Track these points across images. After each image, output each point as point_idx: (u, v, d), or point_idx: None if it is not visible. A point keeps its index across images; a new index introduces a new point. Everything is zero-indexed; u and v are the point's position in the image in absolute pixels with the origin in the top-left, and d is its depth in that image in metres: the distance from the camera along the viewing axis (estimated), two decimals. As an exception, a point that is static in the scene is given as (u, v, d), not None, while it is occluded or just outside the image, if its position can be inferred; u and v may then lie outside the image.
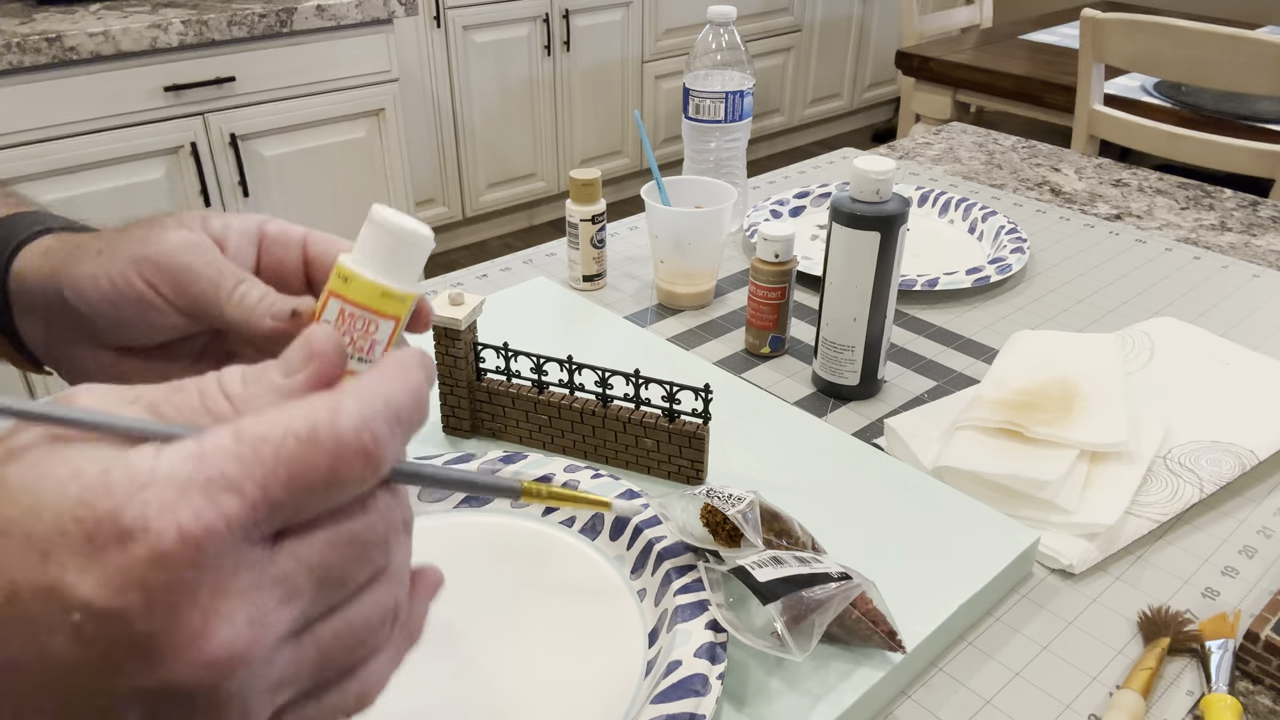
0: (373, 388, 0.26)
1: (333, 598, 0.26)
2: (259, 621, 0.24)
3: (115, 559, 0.22)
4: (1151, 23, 1.68)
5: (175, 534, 0.22)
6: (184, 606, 0.23)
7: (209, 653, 0.23)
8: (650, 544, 0.53)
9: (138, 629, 0.23)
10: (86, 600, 0.22)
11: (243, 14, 1.80)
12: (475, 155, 2.91)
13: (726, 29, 0.95)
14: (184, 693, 0.23)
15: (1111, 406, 0.65)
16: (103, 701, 0.23)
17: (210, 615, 0.23)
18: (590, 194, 0.85)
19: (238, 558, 0.24)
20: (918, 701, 0.49)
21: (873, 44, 3.93)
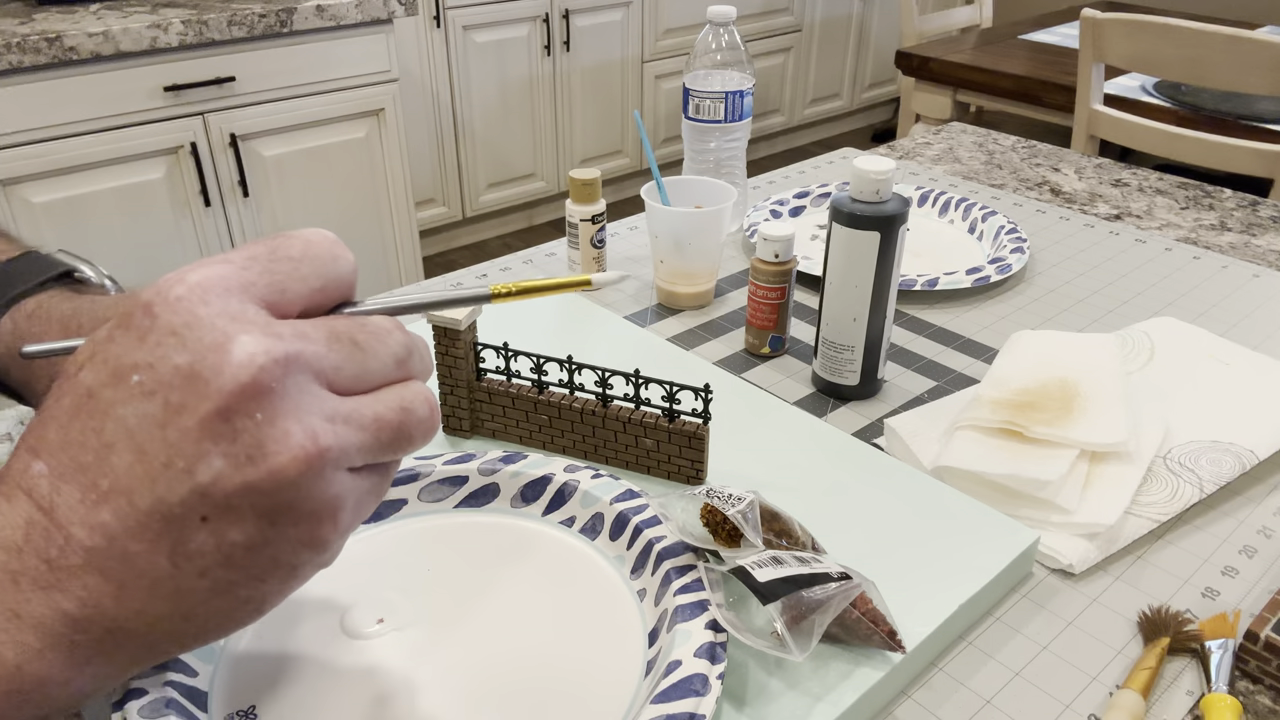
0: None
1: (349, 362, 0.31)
2: (274, 335, 0.29)
3: (146, 323, 0.28)
4: (1151, 23, 1.68)
5: (183, 285, 0.29)
6: (205, 333, 0.28)
7: (236, 357, 0.28)
8: (650, 544, 0.53)
9: (179, 362, 0.28)
10: (136, 360, 0.28)
11: (243, 14, 1.80)
12: (475, 155, 2.91)
13: (726, 29, 0.95)
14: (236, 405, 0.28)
15: (1111, 406, 0.65)
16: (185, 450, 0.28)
17: (230, 333, 0.28)
18: (590, 194, 0.85)
19: (240, 305, 0.29)
20: (918, 701, 0.49)
21: (873, 44, 3.93)
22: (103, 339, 0.29)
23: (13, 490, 0.29)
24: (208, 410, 0.28)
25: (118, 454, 0.28)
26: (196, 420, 0.28)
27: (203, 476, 0.28)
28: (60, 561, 0.28)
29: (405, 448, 0.33)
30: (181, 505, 0.28)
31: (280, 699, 0.46)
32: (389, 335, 0.32)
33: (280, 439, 0.28)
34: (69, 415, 0.29)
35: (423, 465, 0.59)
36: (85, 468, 0.28)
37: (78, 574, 0.28)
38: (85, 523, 0.28)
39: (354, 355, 0.31)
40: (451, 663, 0.48)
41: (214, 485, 0.28)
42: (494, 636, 0.50)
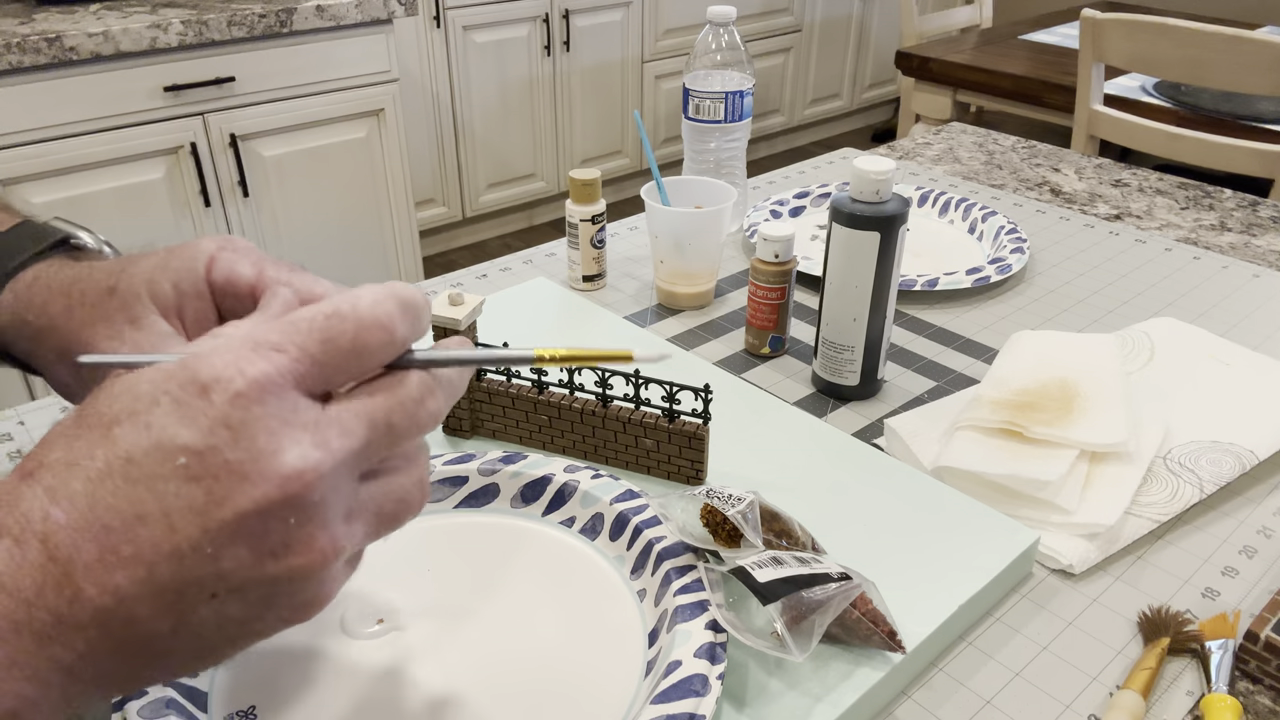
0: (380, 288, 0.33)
1: (382, 446, 0.32)
2: (323, 445, 0.30)
3: (202, 407, 0.29)
4: (1151, 23, 1.68)
5: (243, 379, 0.29)
6: (260, 435, 0.29)
7: (285, 465, 0.29)
8: (650, 544, 0.53)
9: (228, 458, 0.28)
10: (186, 444, 0.28)
11: (243, 14, 1.80)
12: (475, 155, 2.91)
13: (726, 29, 0.95)
14: (274, 509, 0.29)
15: (1111, 406, 0.65)
16: (214, 539, 0.29)
17: (280, 439, 0.29)
18: (590, 194, 0.85)
19: (295, 401, 0.30)
20: (918, 702, 0.49)
21: (873, 44, 3.93)
22: (144, 396, 0.29)
23: (26, 535, 0.28)
24: (247, 508, 0.29)
25: (147, 526, 0.28)
26: (235, 514, 0.29)
27: (227, 564, 0.29)
28: (68, 617, 0.28)
29: (388, 533, 0.34)
30: (198, 584, 0.29)
31: (280, 699, 0.46)
32: (423, 408, 0.33)
33: (305, 541, 0.30)
34: (101, 474, 0.28)
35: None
36: (110, 530, 0.28)
37: (82, 630, 0.28)
38: (99, 583, 0.28)
39: (386, 441, 0.32)
40: (451, 663, 0.48)
41: (233, 572, 0.29)
42: (494, 637, 0.50)
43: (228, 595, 0.30)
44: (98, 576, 0.28)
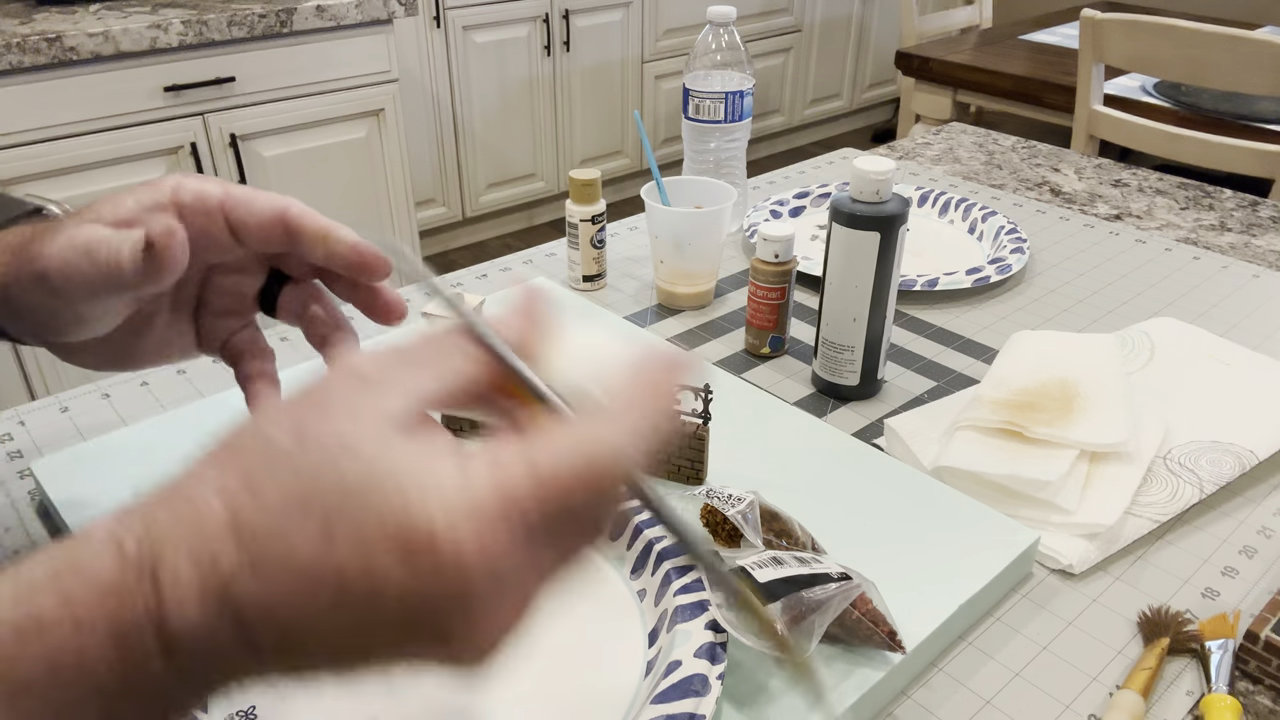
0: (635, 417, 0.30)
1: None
2: (524, 606, 0.29)
3: (428, 561, 0.27)
4: (1151, 23, 1.68)
5: (477, 548, 0.27)
6: (475, 606, 0.28)
7: (488, 640, 0.28)
8: (650, 544, 0.53)
9: (439, 610, 0.27)
10: (401, 586, 0.27)
11: (243, 14, 1.80)
12: (475, 155, 2.91)
13: (726, 29, 0.95)
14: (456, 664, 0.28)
15: (1111, 406, 0.65)
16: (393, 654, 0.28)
17: (493, 611, 0.28)
18: (590, 194, 0.85)
19: (518, 564, 0.28)
20: (918, 702, 0.49)
21: (873, 44, 3.93)
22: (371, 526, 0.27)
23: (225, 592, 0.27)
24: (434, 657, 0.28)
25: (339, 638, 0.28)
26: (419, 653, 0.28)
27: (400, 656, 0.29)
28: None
29: None
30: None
31: (280, 699, 0.46)
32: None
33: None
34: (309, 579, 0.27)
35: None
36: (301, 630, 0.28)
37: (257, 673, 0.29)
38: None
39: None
40: (451, 663, 0.48)
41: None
42: (494, 637, 0.50)
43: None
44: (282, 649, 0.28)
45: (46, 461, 0.62)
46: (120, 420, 0.71)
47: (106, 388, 0.75)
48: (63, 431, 0.70)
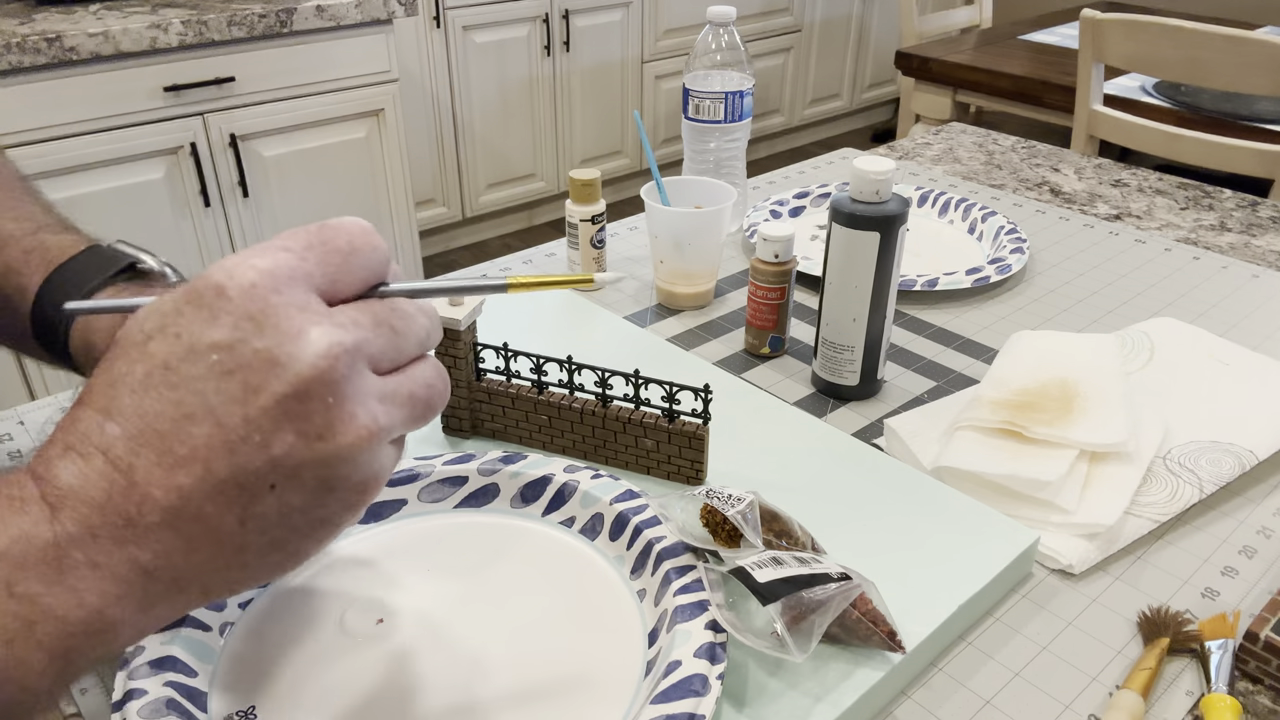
0: None
1: (389, 336, 0.34)
2: (341, 327, 0.32)
3: (222, 305, 0.31)
4: (1151, 23, 1.68)
5: (254, 273, 0.31)
6: (282, 321, 0.31)
7: (311, 345, 0.31)
8: (650, 544, 0.53)
9: (255, 345, 0.31)
10: (215, 341, 0.31)
11: (242, 14, 1.80)
12: (475, 155, 2.91)
13: (726, 29, 0.95)
14: (309, 389, 0.31)
15: (1111, 406, 0.65)
16: (260, 427, 0.31)
17: (301, 322, 0.31)
18: (590, 194, 0.85)
19: (305, 295, 0.32)
20: (917, 702, 0.49)
21: (872, 44, 3.93)
22: (169, 312, 0.31)
23: (88, 449, 0.31)
24: (284, 392, 0.31)
25: (196, 425, 0.30)
26: (274, 400, 0.31)
27: (277, 450, 0.31)
28: (138, 519, 0.31)
29: (429, 418, 0.36)
30: (255, 474, 0.31)
31: (280, 699, 0.46)
32: (416, 320, 0.36)
33: (347, 420, 0.32)
34: (142, 384, 0.31)
35: (423, 465, 0.59)
36: (163, 435, 0.31)
37: (154, 530, 0.31)
38: (163, 484, 0.31)
39: (393, 340, 0.34)
40: (451, 663, 0.48)
41: (286, 458, 0.31)
42: (494, 637, 0.50)
43: (285, 483, 0.32)
44: (160, 478, 0.30)
45: (46, 461, 0.62)
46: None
47: (106, 388, 0.75)
48: (63, 431, 0.70)
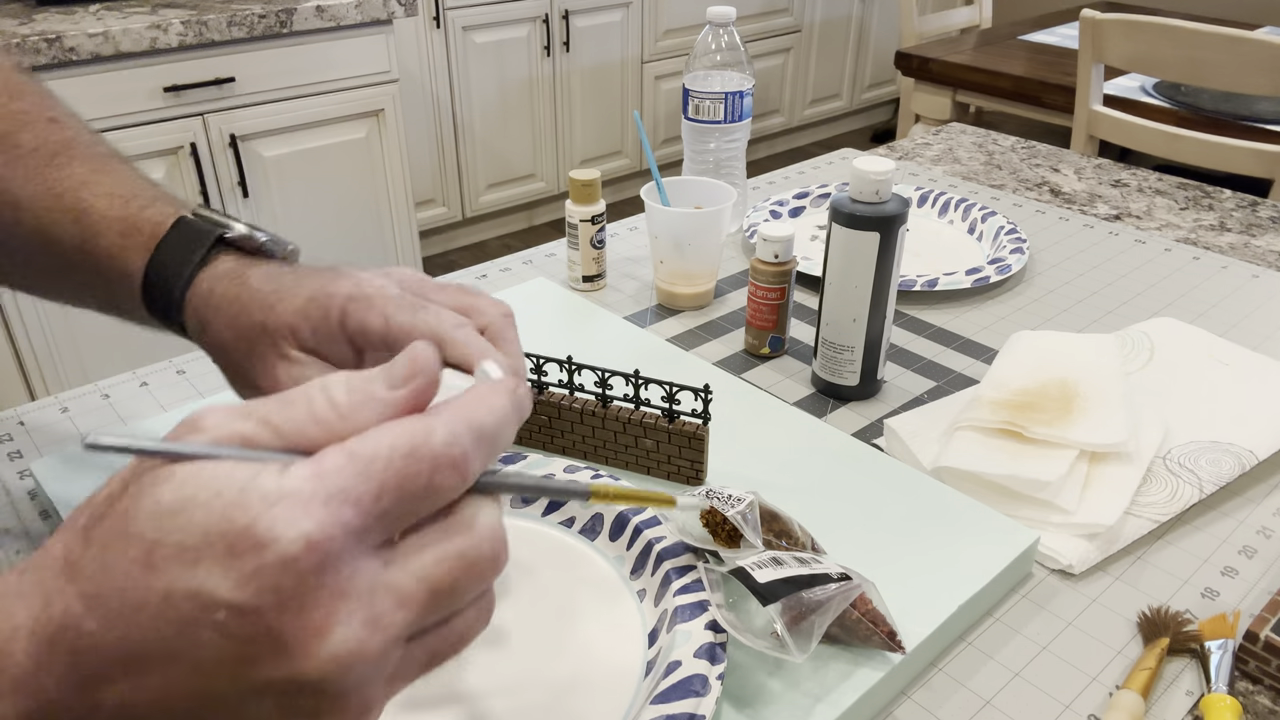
0: (461, 410, 0.30)
1: (444, 610, 0.30)
2: (374, 623, 0.28)
3: (252, 564, 0.26)
4: (1151, 23, 1.68)
5: (302, 542, 0.26)
6: (309, 606, 0.26)
7: (330, 648, 0.27)
8: (650, 544, 0.53)
9: (270, 624, 0.26)
10: (228, 600, 0.26)
11: (242, 14, 1.80)
12: (475, 156, 2.91)
13: (726, 29, 0.95)
14: (310, 685, 0.27)
15: (1111, 407, 0.65)
16: (241, 691, 0.27)
17: (331, 615, 0.27)
18: (590, 194, 0.85)
19: (355, 564, 0.28)
20: (917, 702, 0.49)
21: (872, 44, 3.93)
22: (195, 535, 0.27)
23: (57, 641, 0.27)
24: (279, 678, 0.27)
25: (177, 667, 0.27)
26: (265, 680, 0.27)
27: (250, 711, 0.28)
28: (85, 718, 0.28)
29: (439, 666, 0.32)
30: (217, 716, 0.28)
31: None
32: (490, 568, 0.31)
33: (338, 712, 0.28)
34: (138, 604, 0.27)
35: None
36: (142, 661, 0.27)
37: None
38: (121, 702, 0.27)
39: (448, 603, 0.30)
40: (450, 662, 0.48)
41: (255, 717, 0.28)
42: (494, 637, 0.50)
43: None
44: (121, 696, 0.27)
45: (46, 461, 0.62)
46: (120, 420, 0.71)
47: (106, 388, 0.75)
48: (63, 431, 0.70)
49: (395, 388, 0.30)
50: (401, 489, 0.28)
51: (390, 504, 0.28)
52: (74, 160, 0.52)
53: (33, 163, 0.52)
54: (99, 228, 0.51)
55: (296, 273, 0.48)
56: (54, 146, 0.53)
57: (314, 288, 0.47)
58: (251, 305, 0.47)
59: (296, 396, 0.30)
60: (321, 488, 0.27)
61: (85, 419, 0.71)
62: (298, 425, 0.29)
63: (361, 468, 0.28)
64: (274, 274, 0.48)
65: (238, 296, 0.48)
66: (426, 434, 0.29)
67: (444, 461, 0.29)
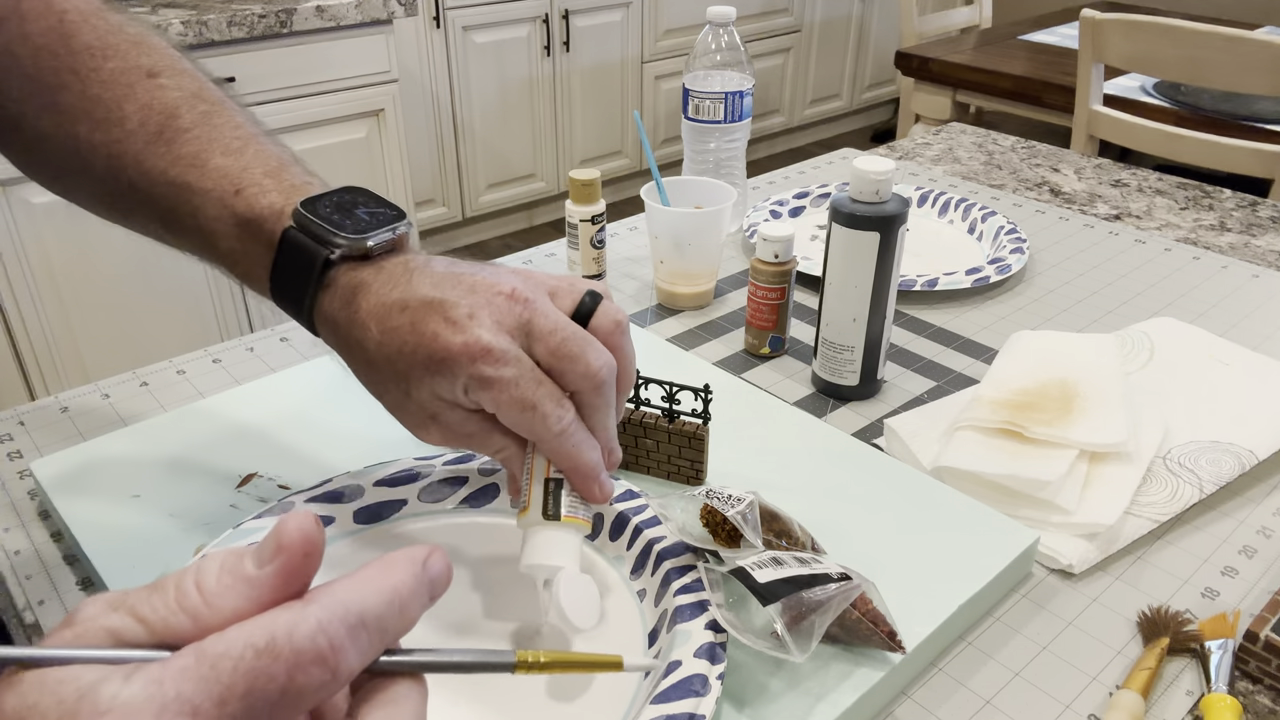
0: (339, 594, 0.27)
1: None
2: None
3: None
4: (1151, 23, 1.68)
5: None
6: None
7: None
8: (650, 544, 0.53)
9: None
10: None
11: (242, 14, 1.80)
12: (475, 155, 2.91)
13: (726, 29, 0.95)
14: None
15: (1111, 407, 0.65)
16: None
17: None
18: (590, 194, 0.85)
19: None
20: (917, 702, 0.49)
21: (872, 44, 3.93)
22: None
23: None
24: None
25: None
26: None
27: None
28: None
29: None
30: None
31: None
32: None
33: None
34: None
35: (423, 466, 0.59)
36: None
37: None
38: None
39: None
40: (451, 663, 0.48)
41: None
42: (494, 636, 0.50)
43: None
44: None
45: (46, 461, 0.62)
46: (120, 420, 0.71)
47: (106, 388, 0.75)
48: (63, 431, 0.70)
49: (262, 565, 0.27)
50: (252, 692, 0.25)
51: (239, 709, 0.25)
52: (179, 135, 0.50)
53: (139, 142, 0.50)
54: (215, 230, 0.49)
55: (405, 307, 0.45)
56: (158, 120, 0.50)
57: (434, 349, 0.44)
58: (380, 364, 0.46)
59: (167, 583, 0.27)
60: (159, 694, 0.24)
61: (85, 419, 0.71)
62: (162, 616, 0.27)
63: (207, 670, 0.25)
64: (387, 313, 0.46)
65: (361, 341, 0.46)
66: (289, 627, 0.26)
67: (306, 658, 0.26)
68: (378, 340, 0.45)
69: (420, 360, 0.44)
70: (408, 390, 0.46)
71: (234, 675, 0.25)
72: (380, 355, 0.46)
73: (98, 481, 0.60)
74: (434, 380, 0.44)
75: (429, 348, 0.44)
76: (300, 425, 0.66)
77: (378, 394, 0.48)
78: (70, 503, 0.58)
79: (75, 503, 0.58)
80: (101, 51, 0.51)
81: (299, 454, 0.63)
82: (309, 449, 0.63)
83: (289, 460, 0.62)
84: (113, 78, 0.51)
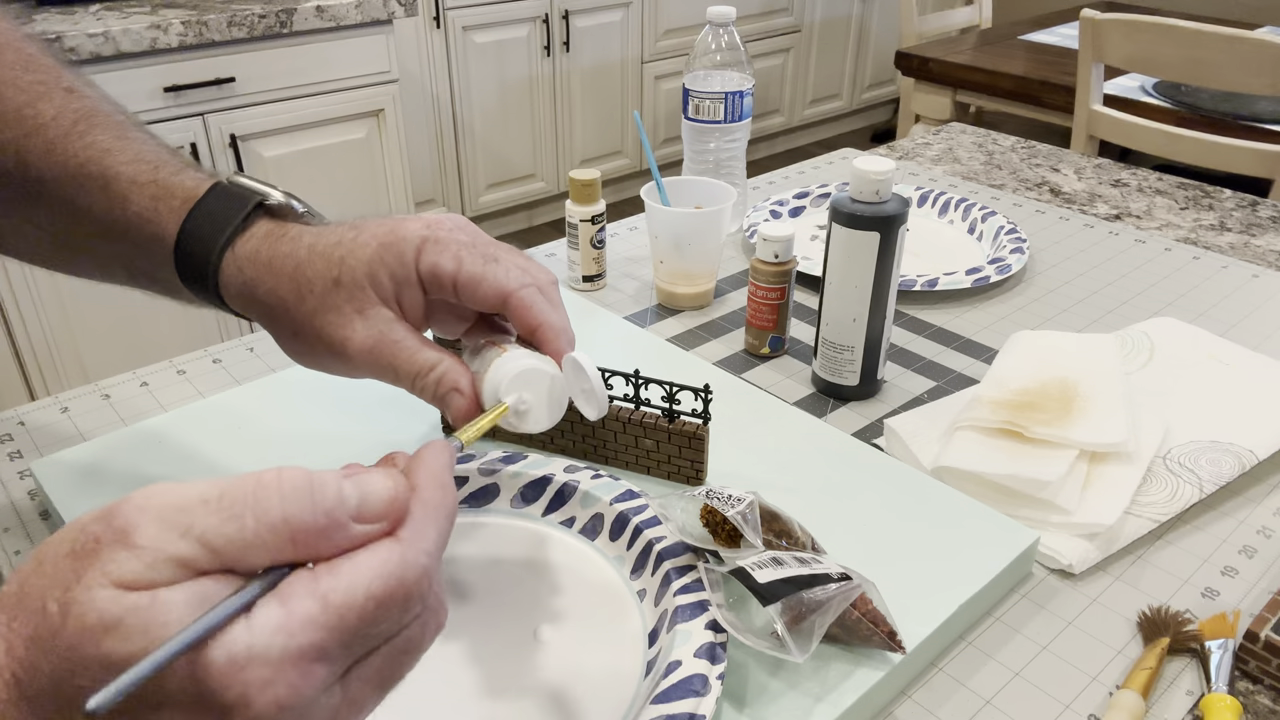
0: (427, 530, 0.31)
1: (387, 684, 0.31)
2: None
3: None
4: (1151, 23, 1.68)
5: (274, 709, 0.26)
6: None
7: None
8: (650, 544, 0.53)
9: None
10: None
11: (242, 14, 1.80)
12: (475, 156, 2.91)
13: (726, 29, 0.95)
14: None
15: (1111, 406, 0.65)
16: None
17: None
18: (590, 194, 0.85)
19: (319, 704, 0.28)
20: (918, 702, 0.49)
21: (872, 44, 3.93)
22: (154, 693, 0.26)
23: None
24: None
25: None
26: None
27: None
28: None
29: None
30: None
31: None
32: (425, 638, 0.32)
33: None
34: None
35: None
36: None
37: None
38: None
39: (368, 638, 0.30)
40: (452, 663, 0.48)
41: None
42: (494, 636, 0.50)
43: None
44: None
45: (46, 461, 0.62)
46: (120, 420, 0.71)
47: (106, 388, 0.75)
48: (63, 431, 0.70)
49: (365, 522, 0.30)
50: (374, 627, 0.29)
51: (360, 649, 0.29)
52: (95, 128, 0.50)
53: (53, 133, 0.50)
54: (128, 193, 0.49)
55: (351, 225, 0.47)
56: (74, 115, 0.50)
57: (382, 234, 0.46)
58: (318, 262, 0.46)
59: (244, 513, 0.27)
60: (293, 646, 0.27)
61: (85, 419, 0.71)
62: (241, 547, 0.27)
63: (335, 620, 0.27)
64: (326, 230, 0.48)
65: (291, 253, 0.47)
66: (401, 570, 0.29)
67: (416, 595, 0.29)
68: (310, 245, 0.47)
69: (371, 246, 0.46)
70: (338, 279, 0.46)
71: (360, 623, 0.28)
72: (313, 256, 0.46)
73: (98, 481, 0.60)
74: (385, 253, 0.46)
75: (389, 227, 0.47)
76: (300, 425, 0.66)
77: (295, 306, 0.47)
78: (70, 503, 0.58)
79: (75, 503, 0.58)
80: (22, 65, 0.51)
81: (298, 454, 0.63)
82: (308, 449, 0.63)
83: (288, 460, 0.62)
84: (30, 86, 0.51)
